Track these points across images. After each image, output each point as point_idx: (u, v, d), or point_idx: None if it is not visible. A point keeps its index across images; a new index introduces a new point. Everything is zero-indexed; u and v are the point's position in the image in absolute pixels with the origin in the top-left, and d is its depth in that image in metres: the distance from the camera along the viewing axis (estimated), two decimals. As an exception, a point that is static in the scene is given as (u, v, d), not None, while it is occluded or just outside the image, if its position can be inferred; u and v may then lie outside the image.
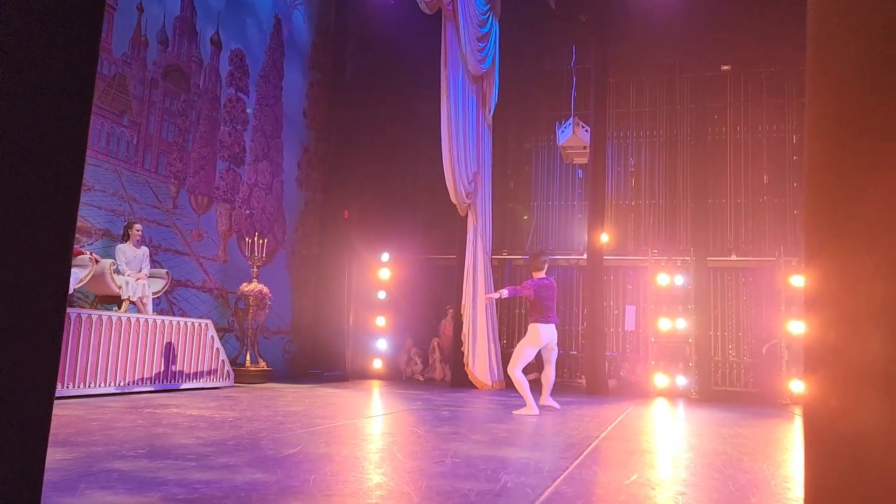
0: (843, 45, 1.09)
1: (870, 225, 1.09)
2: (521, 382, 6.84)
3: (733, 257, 12.34)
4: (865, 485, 1.00)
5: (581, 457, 4.05)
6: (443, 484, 3.04)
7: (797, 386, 10.36)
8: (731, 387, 12.16)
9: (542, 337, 6.94)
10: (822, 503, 1.08)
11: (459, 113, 10.18)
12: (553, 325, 7.13)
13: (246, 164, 10.41)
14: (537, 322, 6.99)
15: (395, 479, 3.16)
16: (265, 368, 9.50)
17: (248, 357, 9.39)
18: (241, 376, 9.06)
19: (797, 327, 10.60)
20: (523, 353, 6.95)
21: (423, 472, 3.35)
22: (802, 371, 1.21)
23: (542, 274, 7.43)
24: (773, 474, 3.87)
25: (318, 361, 11.37)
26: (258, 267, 9.73)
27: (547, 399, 7.25)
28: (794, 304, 10.78)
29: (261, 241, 9.74)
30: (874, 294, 1.09)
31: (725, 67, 12.81)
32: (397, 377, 12.12)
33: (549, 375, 7.32)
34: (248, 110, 10.44)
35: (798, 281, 10.77)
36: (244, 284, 9.62)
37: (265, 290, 9.64)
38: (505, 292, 7.30)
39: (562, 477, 3.35)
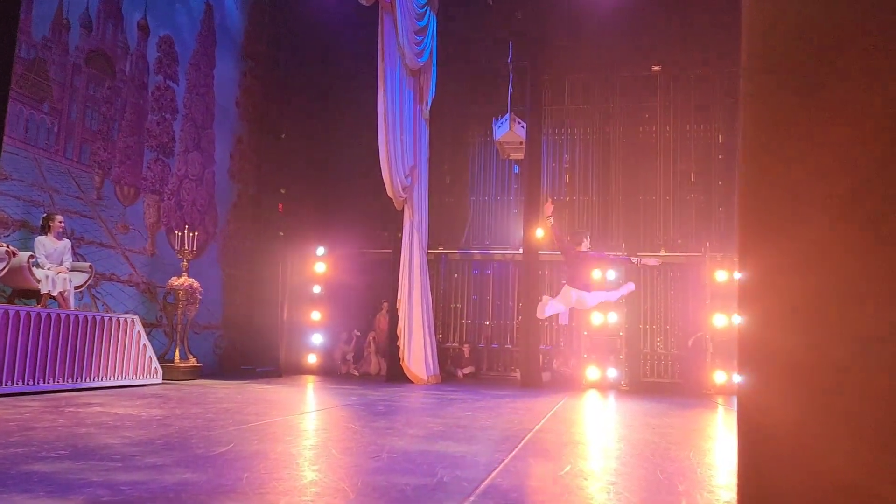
0: (776, 48, 1.12)
1: (791, 221, 1.12)
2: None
3: (662, 253, 12.69)
4: (792, 475, 1.04)
5: (516, 449, 4.09)
6: (379, 479, 3.02)
7: (720, 377, 10.75)
8: (659, 378, 12.52)
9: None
10: (753, 492, 1.11)
11: (396, 106, 10.12)
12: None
13: (175, 155, 10.10)
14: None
15: (331, 475, 3.13)
16: (195, 365, 9.26)
17: (177, 353, 9.14)
18: (170, 373, 8.80)
19: (721, 320, 11.00)
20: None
21: (359, 467, 3.33)
22: (737, 362, 1.24)
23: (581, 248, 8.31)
24: (699, 462, 3.99)
25: (250, 357, 11.16)
26: (188, 260, 9.46)
27: None
28: (718, 298, 11.18)
29: (191, 234, 9.48)
30: (794, 287, 1.13)
31: (656, 68, 13.14)
32: (332, 372, 12.00)
33: None
34: (177, 99, 10.13)
35: (722, 276, 11.17)
36: (173, 278, 9.35)
37: (195, 284, 9.39)
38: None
39: (497, 470, 3.38)
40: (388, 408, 6.60)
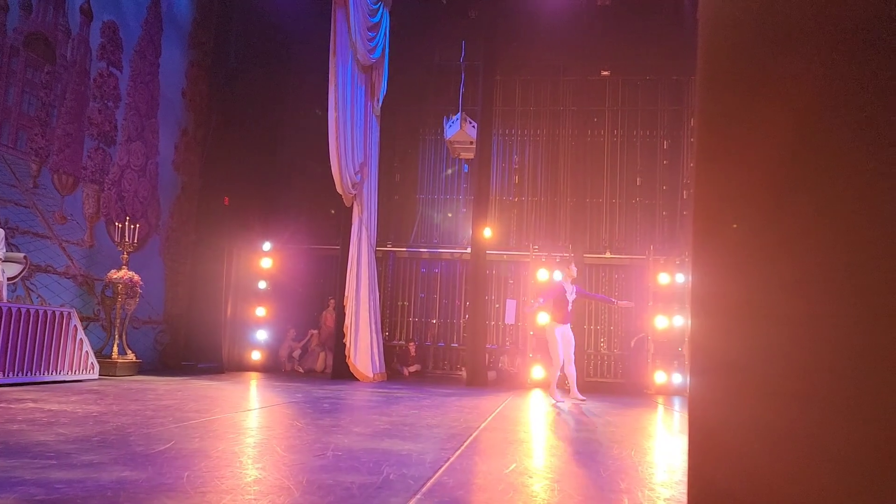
0: (730, 54, 1.16)
1: (739, 221, 1.16)
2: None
3: (608, 255, 12.92)
4: (740, 475, 1.06)
5: (462, 447, 4.11)
6: (324, 478, 3.00)
7: (661, 377, 11.01)
8: (602, 378, 12.74)
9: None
10: (702, 492, 1.13)
11: (348, 102, 10.04)
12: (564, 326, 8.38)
13: (118, 144, 9.80)
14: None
15: (275, 473, 3.08)
16: (134, 360, 9.02)
17: (115, 348, 8.88)
18: (108, 368, 8.55)
19: (662, 322, 11.25)
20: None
21: (304, 465, 3.29)
22: (688, 365, 1.26)
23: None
24: (640, 461, 4.08)
25: (192, 353, 10.92)
26: (129, 253, 9.21)
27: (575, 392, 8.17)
28: (660, 300, 11.43)
29: (132, 226, 9.22)
30: (741, 291, 1.16)
31: (605, 73, 13.36)
32: (277, 369, 11.84)
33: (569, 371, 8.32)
34: (121, 87, 9.83)
35: (664, 278, 11.43)
36: (113, 271, 9.08)
37: (136, 277, 9.14)
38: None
39: (443, 468, 3.39)
40: (334, 405, 6.55)
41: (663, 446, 5.06)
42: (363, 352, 10.47)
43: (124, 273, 9.05)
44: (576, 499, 2.85)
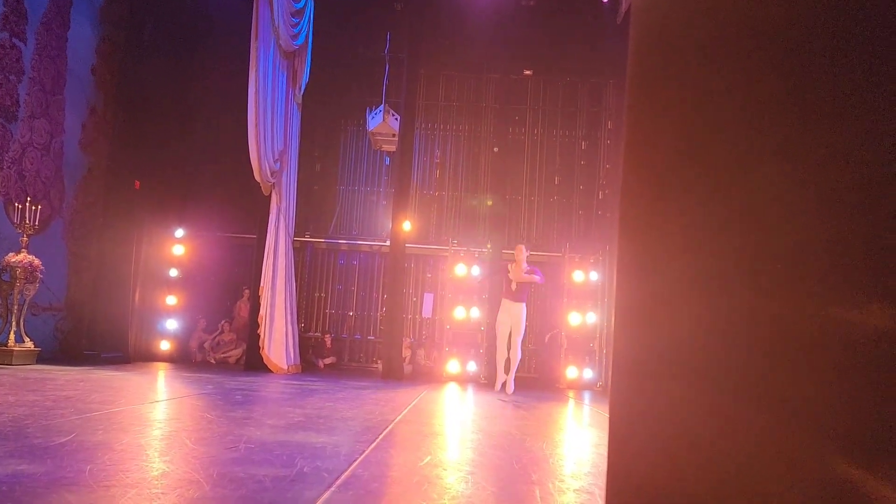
0: (661, 57, 1.20)
1: (663, 219, 1.20)
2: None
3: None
4: (660, 473, 1.10)
5: (377, 440, 4.11)
6: (236, 470, 2.94)
7: (573, 372, 11.31)
8: (516, 372, 12.94)
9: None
10: (620, 483, 1.17)
11: (268, 88, 9.82)
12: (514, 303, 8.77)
13: (19, 120, 9.25)
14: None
15: (184, 466, 3.00)
16: (32, 349, 8.57)
17: (11, 336, 8.41)
18: (3, 357, 8.10)
19: (576, 319, 11.56)
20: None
21: (215, 458, 3.21)
22: (612, 360, 1.30)
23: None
24: (551, 453, 4.18)
25: (95, 342, 10.44)
26: (29, 236, 8.73)
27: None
28: (574, 297, 11.74)
29: (34, 208, 8.74)
30: (654, 287, 1.20)
31: (528, 72, 13.58)
32: (187, 359, 11.49)
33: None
34: (24, 60, 9.28)
35: (579, 276, 11.74)
36: (11, 255, 8.58)
37: (36, 261, 8.68)
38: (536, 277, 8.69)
39: (358, 460, 3.37)
40: (246, 397, 6.42)
41: (573, 439, 5.20)
42: (278, 343, 10.30)
43: (24, 257, 8.57)
44: (489, 490, 2.89)
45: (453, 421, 5.86)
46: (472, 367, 11.35)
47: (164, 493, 2.51)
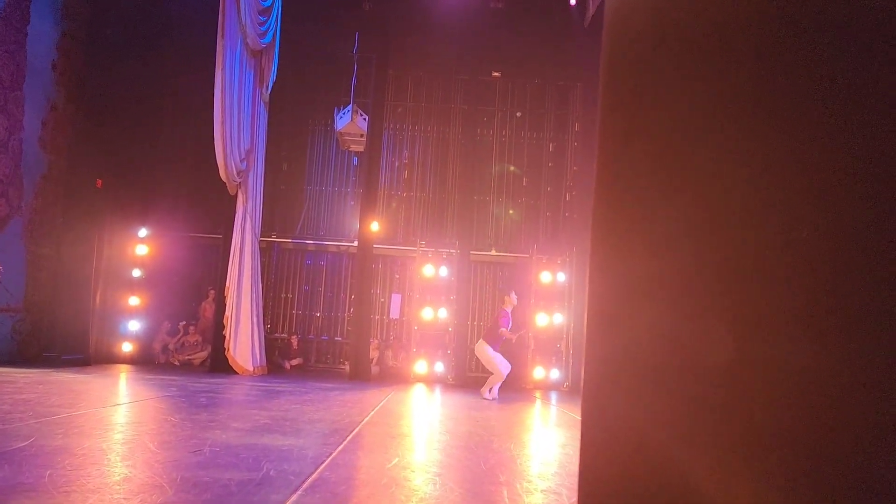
0: (635, 59, 1.21)
1: (639, 221, 1.20)
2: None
3: (493, 252, 13.19)
4: (632, 477, 1.11)
5: (344, 442, 4.08)
6: (201, 475, 2.89)
7: (540, 372, 11.38)
8: (484, 373, 12.96)
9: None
10: (593, 487, 1.17)
11: (235, 87, 9.70)
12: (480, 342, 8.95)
13: (-24, 116, 9.01)
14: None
15: (146, 471, 2.95)
16: (-11, 351, 8.35)
17: (-33, 337, 8.18)
18: (-43, 359, 7.87)
19: (543, 319, 11.64)
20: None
21: (178, 462, 3.16)
22: (584, 362, 1.30)
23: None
24: (519, 454, 4.20)
25: (55, 343, 10.21)
26: (-14, 235, 8.51)
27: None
28: (541, 297, 11.81)
29: (-9, 206, 8.51)
30: (620, 290, 1.21)
31: (496, 74, 13.63)
32: (150, 362, 11.29)
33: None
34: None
35: (546, 277, 11.82)
36: (-34, 254, 8.36)
37: (-7, 261, 8.46)
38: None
39: (325, 463, 3.35)
40: (211, 399, 6.33)
41: (541, 440, 5.23)
42: (243, 344, 10.18)
43: (-20, 256, 8.35)
44: (457, 492, 2.90)
45: (421, 422, 5.85)
46: (439, 367, 11.35)
47: (126, 498, 2.46)
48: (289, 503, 2.53)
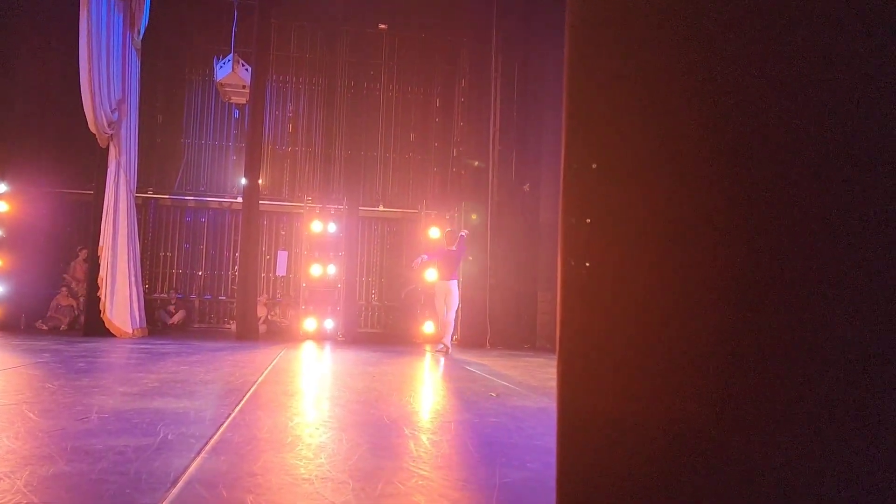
0: (600, 10, 1.21)
1: (587, 223, 1.20)
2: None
3: (381, 208, 13.13)
4: (611, 466, 1.13)
5: (242, 402, 4.00)
6: (93, 442, 2.75)
7: (429, 327, 11.54)
8: (373, 329, 13.05)
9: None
10: (572, 478, 1.18)
11: (103, 30, 9.01)
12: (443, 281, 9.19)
13: None
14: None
15: (31, 441, 2.77)
16: None
17: None
18: None
19: (432, 274, 11.74)
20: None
21: (65, 431, 2.99)
22: (558, 350, 1.29)
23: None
24: (419, 407, 4.27)
25: None
26: None
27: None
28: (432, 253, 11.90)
29: None
30: (617, 276, 1.19)
31: (383, 26, 13.37)
32: (15, 326, 10.53)
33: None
34: None
35: (435, 232, 11.90)
36: None
37: None
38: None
39: (226, 424, 3.27)
40: (91, 364, 6.01)
41: (434, 392, 5.34)
42: (121, 306, 9.68)
43: None
44: (364, 447, 2.91)
45: (317, 379, 5.82)
46: (329, 324, 11.28)
47: (12, 471, 2.30)
48: (194, 466, 2.45)
